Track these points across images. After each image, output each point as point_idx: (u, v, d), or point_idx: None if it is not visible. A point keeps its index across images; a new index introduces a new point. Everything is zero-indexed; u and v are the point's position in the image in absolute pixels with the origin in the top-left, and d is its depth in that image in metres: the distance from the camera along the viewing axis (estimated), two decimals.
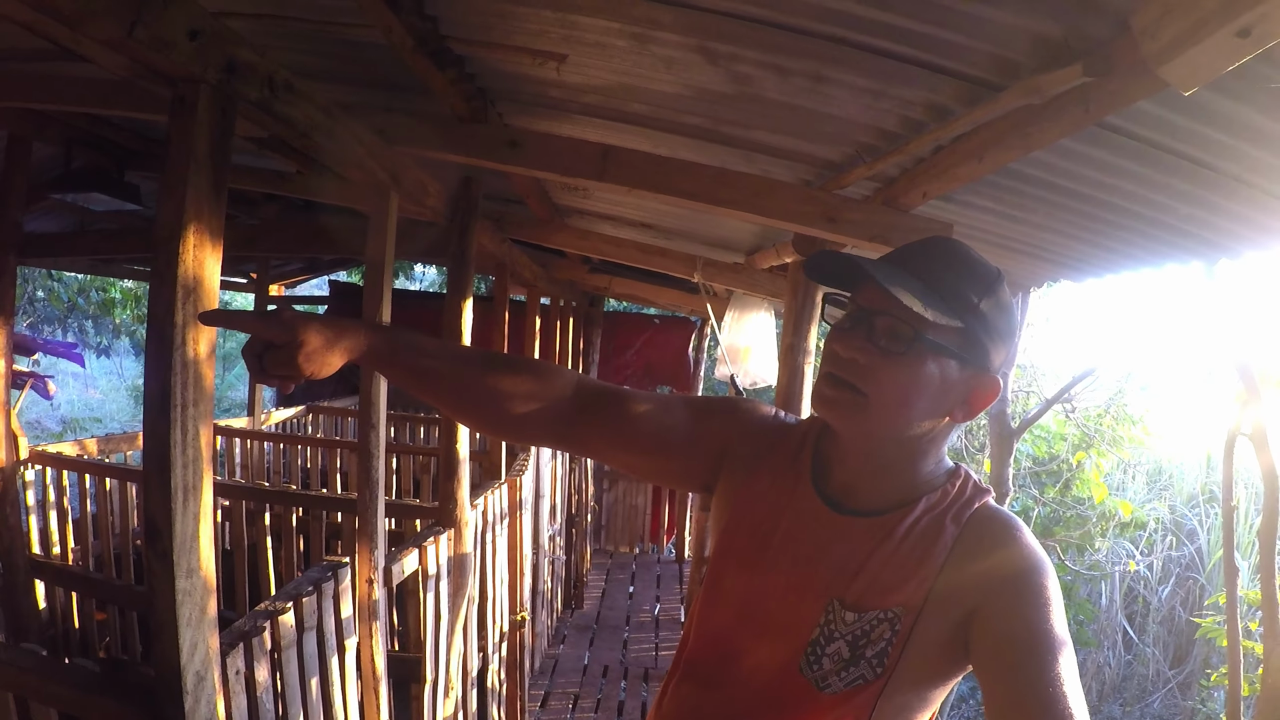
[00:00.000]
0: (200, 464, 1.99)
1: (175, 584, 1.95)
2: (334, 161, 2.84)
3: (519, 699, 5.96)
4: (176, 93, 1.91)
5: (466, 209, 4.06)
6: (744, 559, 1.63)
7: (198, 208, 1.91)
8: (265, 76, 2.16)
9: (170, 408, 1.88)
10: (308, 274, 12.29)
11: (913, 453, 1.53)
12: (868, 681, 1.45)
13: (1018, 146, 2.35)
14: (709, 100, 2.90)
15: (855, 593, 1.48)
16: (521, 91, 3.31)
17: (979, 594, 1.42)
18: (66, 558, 6.03)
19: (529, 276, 6.31)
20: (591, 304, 10.50)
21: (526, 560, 6.15)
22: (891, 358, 1.42)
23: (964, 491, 1.54)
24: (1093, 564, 14.77)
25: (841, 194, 3.30)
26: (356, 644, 3.40)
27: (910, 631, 1.44)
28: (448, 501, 4.30)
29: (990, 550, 1.46)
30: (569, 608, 9.23)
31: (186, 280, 1.89)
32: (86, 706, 2.40)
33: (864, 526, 1.53)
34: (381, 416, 3.37)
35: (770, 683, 1.54)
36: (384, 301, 3.29)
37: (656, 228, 5.60)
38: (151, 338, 1.90)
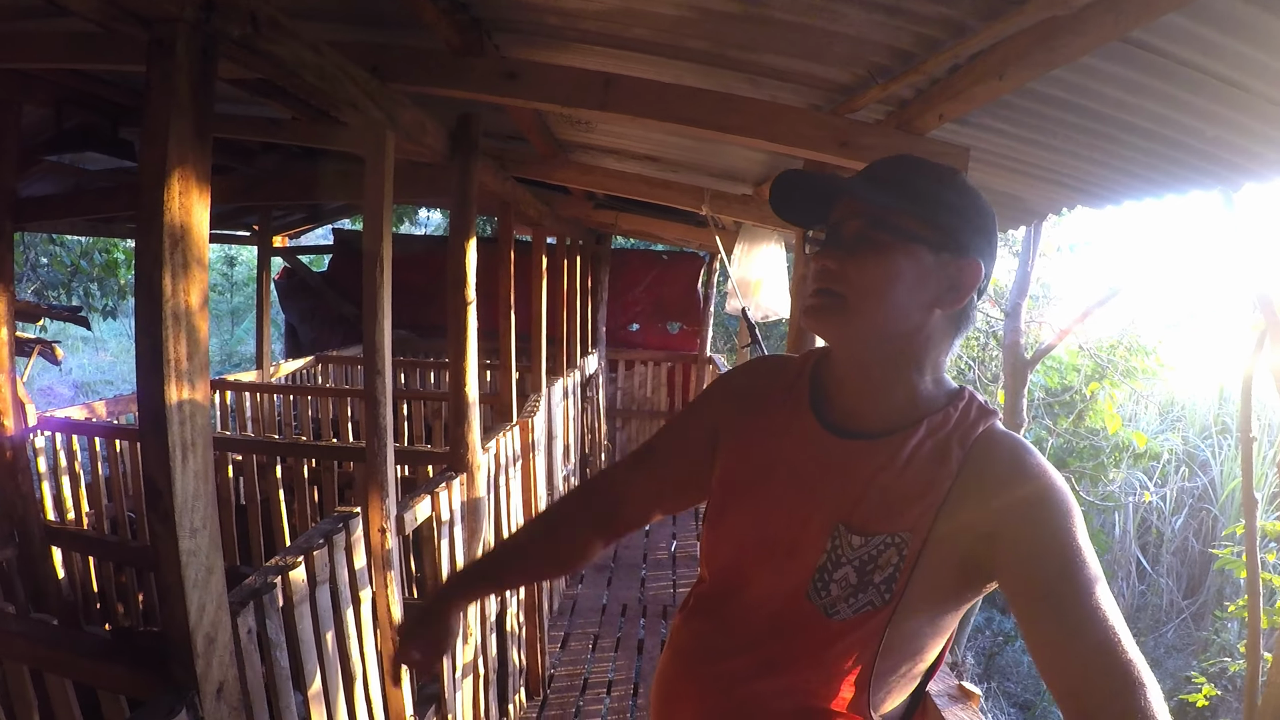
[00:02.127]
0: (198, 420, 1.91)
1: (179, 545, 1.88)
2: (326, 102, 2.75)
3: (538, 641, 5.96)
4: (153, 35, 1.81)
5: (467, 147, 3.94)
6: (747, 490, 1.67)
7: (181, 154, 1.82)
8: (248, 13, 2.06)
9: (163, 363, 1.80)
10: (311, 224, 12.21)
11: (909, 361, 1.55)
12: (876, 608, 1.47)
13: (1041, 62, 2.27)
14: (714, 22, 2.81)
15: (861, 516, 1.50)
16: (518, 20, 3.21)
17: (996, 518, 1.42)
18: (81, 522, 6.02)
19: (533, 215, 6.22)
20: (599, 242, 10.40)
21: (541, 502, 6.12)
22: (859, 254, 1.49)
23: (969, 414, 1.55)
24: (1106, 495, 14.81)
25: (853, 118, 3.21)
26: (372, 595, 3.35)
27: (918, 556, 1.46)
28: (459, 446, 4.25)
29: (1003, 474, 1.46)
30: None
31: (173, 229, 1.80)
32: (99, 674, 2.36)
33: (867, 450, 1.54)
34: (387, 363, 3.30)
35: (779, 611, 1.57)
36: (384, 244, 3.19)
37: (662, 160, 5.52)
38: (140, 291, 1.82)
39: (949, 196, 1.52)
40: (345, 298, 11.83)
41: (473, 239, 4.13)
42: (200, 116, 1.87)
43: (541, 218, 6.41)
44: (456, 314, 4.14)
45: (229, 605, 2.16)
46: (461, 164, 3.96)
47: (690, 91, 3.16)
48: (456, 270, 4.11)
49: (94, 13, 1.81)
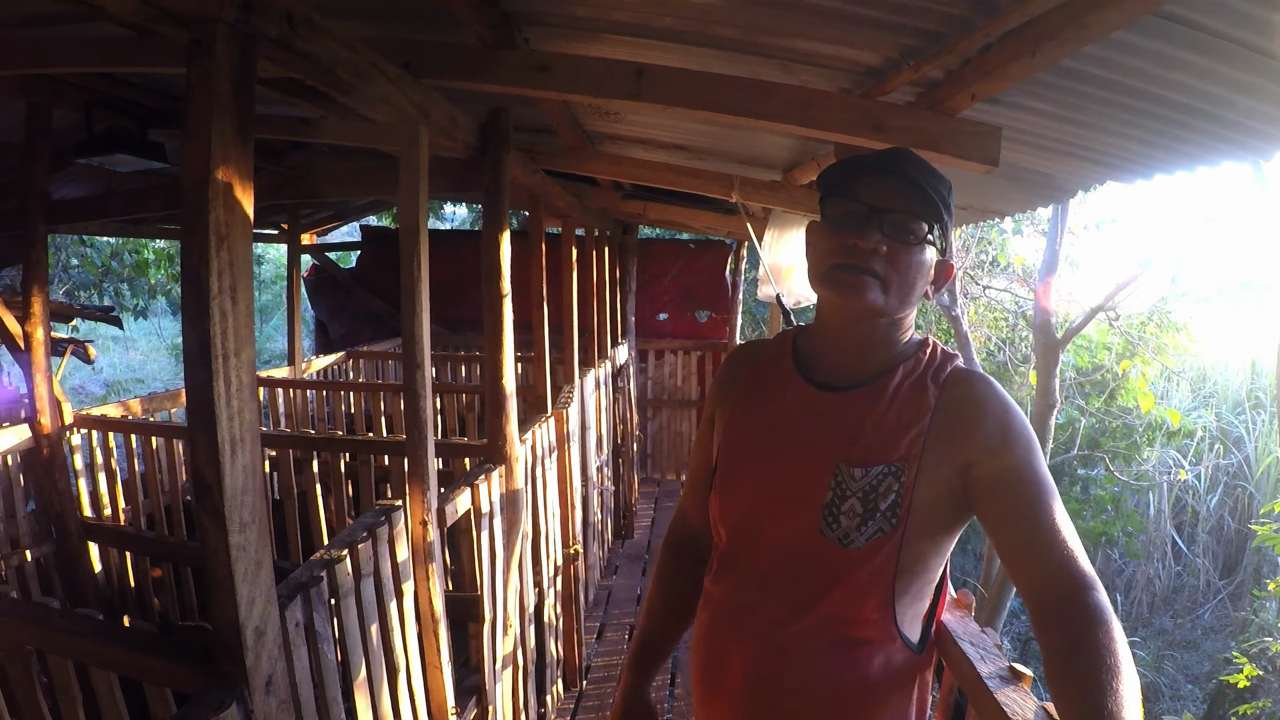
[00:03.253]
0: (246, 415, 1.94)
1: (229, 539, 1.91)
2: (360, 99, 2.76)
3: (575, 632, 5.98)
4: (193, 35, 1.83)
5: (498, 141, 3.96)
6: (752, 453, 1.89)
7: (224, 153, 1.84)
8: (284, 12, 2.08)
9: (211, 359, 1.82)
10: (338, 221, 12.26)
11: (896, 325, 1.82)
12: (886, 533, 1.69)
13: (1074, 39, 2.27)
14: (743, 8, 2.81)
15: (858, 452, 1.73)
16: (548, 13, 3.23)
17: (970, 447, 1.68)
18: (118, 518, 6.09)
19: (563, 207, 6.22)
20: (625, 232, 10.40)
21: (576, 493, 6.14)
22: (907, 247, 1.72)
23: (935, 357, 1.83)
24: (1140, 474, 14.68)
25: (885, 100, 3.20)
26: (413, 587, 3.38)
27: (915, 482, 1.69)
28: (496, 438, 4.26)
29: (973, 407, 1.72)
30: (620, 538, 9.25)
31: (218, 227, 1.82)
32: (146, 668, 2.40)
33: (855, 397, 1.80)
34: (426, 356, 3.31)
35: (800, 552, 1.77)
36: (420, 240, 3.21)
37: (690, 149, 5.51)
38: (187, 290, 1.84)
39: (952, 206, 1.81)
40: (374, 293, 11.91)
41: (506, 232, 4.15)
42: (241, 116, 1.89)
43: (570, 209, 6.42)
44: (492, 307, 4.16)
45: (277, 599, 2.18)
46: (493, 158, 3.98)
47: (722, 79, 3.15)
48: (491, 264, 4.13)
49: (133, 15, 1.83)
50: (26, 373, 5.68)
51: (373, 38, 2.85)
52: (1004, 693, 1.85)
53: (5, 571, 5.39)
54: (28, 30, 4.07)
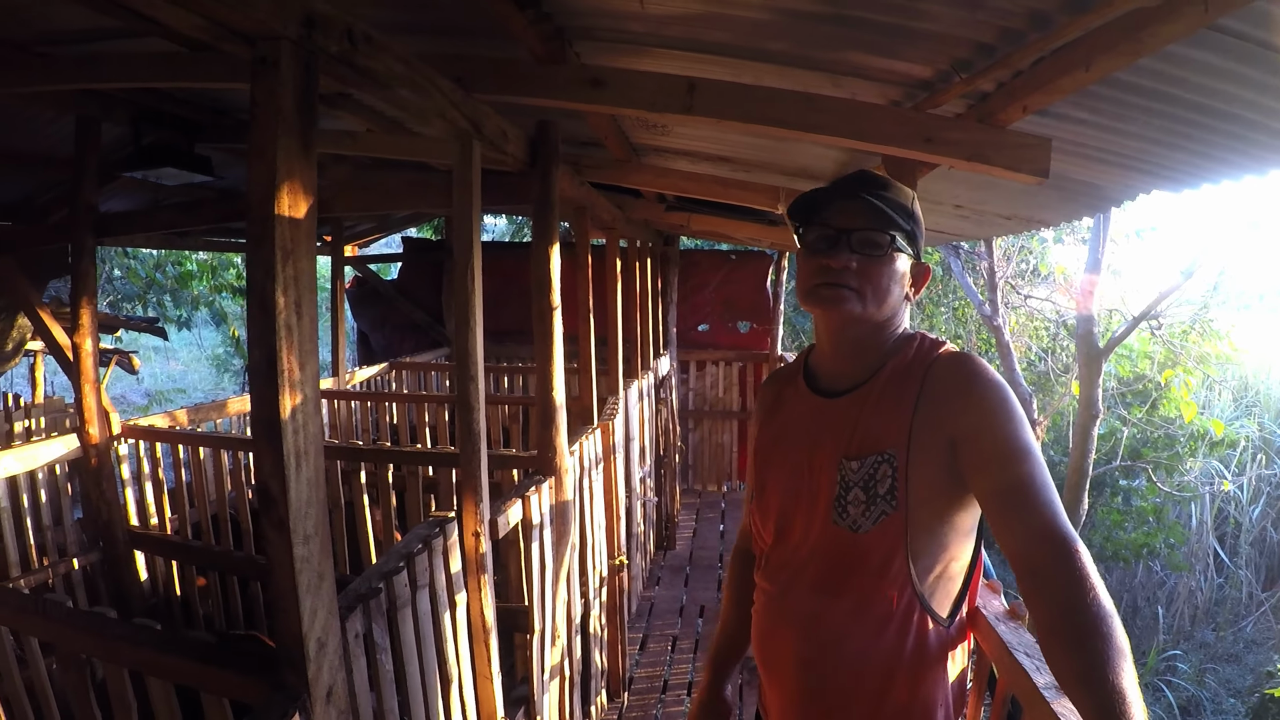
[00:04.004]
0: (310, 428, 1.96)
1: (293, 551, 1.94)
2: (416, 113, 2.79)
3: (619, 643, 5.97)
4: (257, 52, 1.86)
5: (547, 154, 3.98)
6: (774, 460, 2.13)
7: (289, 168, 1.87)
8: (344, 29, 2.10)
9: (277, 374, 1.85)
10: (380, 233, 12.38)
11: (881, 329, 1.98)
12: (889, 515, 1.84)
13: (1128, 52, 2.26)
14: (795, 23, 2.81)
15: (854, 446, 1.91)
16: (599, 28, 3.24)
17: (952, 422, 1.80)
18: (164, 527, 6.17)
19: (608, 219, 6.22)
20: (667, 243, 10.36)
21: (621, 504, 6.14)
22: (874, 260, 1.91)
23: (923, 347, 1.96)
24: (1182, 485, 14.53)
25: (935, 113, 3.19)
26: (465, 598, 3.40)
27: (906, 466, 1.83)
28: (547, 450, 4.28)
29: (954, 384, 1.83)
30: (662, 549, 9.21)
31: (284, 243, 1.85)
32: (205, 678, 2.42)
33: (850, 399, 1.97)
34: (479, 369, 3.34)
35: (820, 543, 1.95)
36: (474, 252, 3.24)
37: (735, 161, 5.50)
38: (253, 305, 1.86)
39: (916, 214, 2.00)
40: (416, 304, 11.97)
41: (555, 245, 4.15)
42: (304, 132, 1.92)
43: (615, 221, 6.42)
44: (542, 319, 4.16)
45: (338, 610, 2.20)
46: (542, 171, 4.00)
47: (774, 93, 3.15)
48: (541, 277, 4.13)
49: (199, 32, 1.86)
50: (75, 383, 5.75)
51: (426, 52, 2.86)
52: (1060, 703, 1.87)
53: (53, 579, 5.46)
54: (78, 46, 4.13)
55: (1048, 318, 16.21)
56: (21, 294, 6.10)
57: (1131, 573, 14.15)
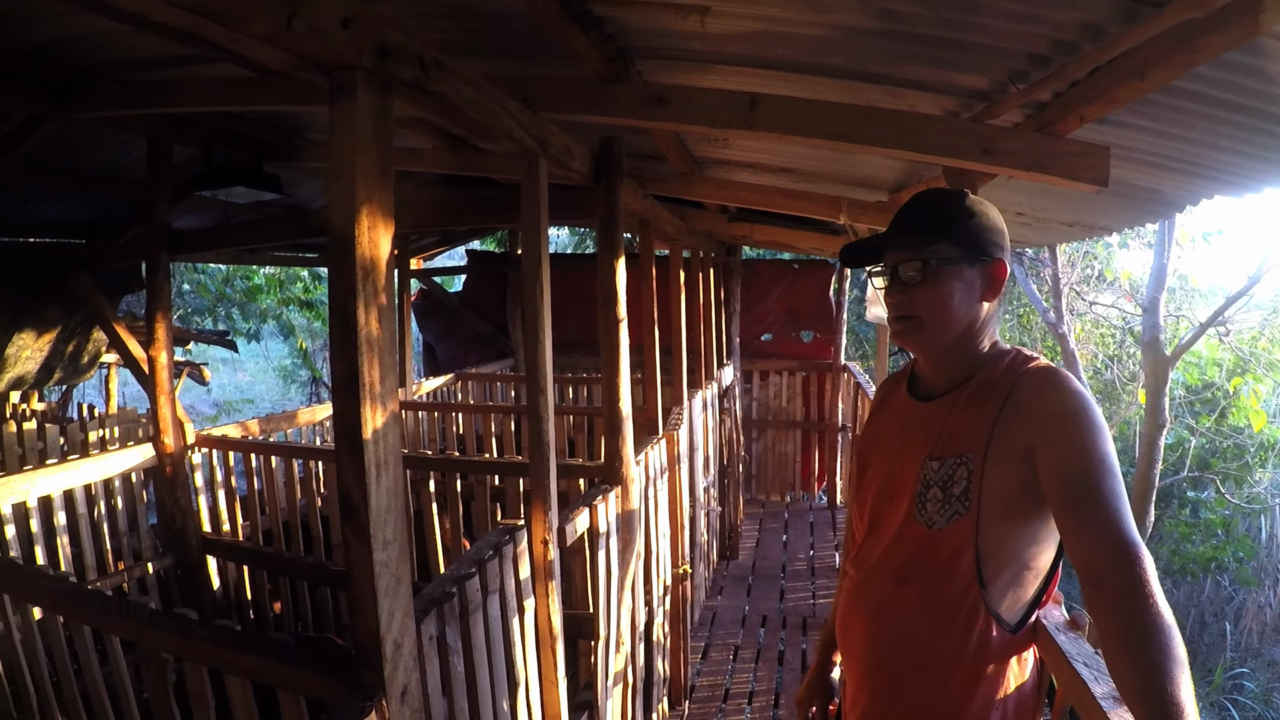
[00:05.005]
0: (390, 438, 2.05)
1: (372, 556, 2.02)
2: (484, 133, 2.88)
3: (682, 651, 6.01)
4: (334, 81, 1.95)
5: (611, 169, 4.06)
6: (873, 458, 2.27)
7: (368, 191, 1.95)
8: (416, 56, 2.18)
9: (359, 387, 1.94)
10: (444, 246, 12.53)
11: (969, 341, 2.05)
12: (962, 515, 1.93)
13: (1182, 62, 2.29)
14: (854, 39, 2.85)
15: (937, 448, 2.02)
16: (661, 47, 3.30)
17: (1032, 433, 1.84)
18: (236, 534, 6.36)
19: (671, 231, 6.26)
20: (729, 253, 10.37)
21: (685, 513, 6.18)
22: (918, 287, 2.01)
23: (1015, 361, 2.02)
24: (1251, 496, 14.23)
25: (993, 124, 3.22)
26: (533, 604, 3.48)
27: (982, 470, 1.90)
28: (613, 459, 4.35)
29: (1038, 396, 1.88)
30: (725, 558, 9.18)
31: (364, 262, 1.93)
32: (285, 677, 2.52)
33: (940, 403, 2.08)
34: (549, 381, 3.41)
35: (901, 536, 2.07)
36: (542, 267, 3.32)
37: (797, 172, 5.52)
38: (335, 321, 1.95)
39: (964, 218, 2.02)
40: (481, 316, 12.11)
41: (621, 258, 4.23)
42: (382, 155, 2.00)
43: (678, 233, 6.47)
44: (609, 332, 4.24)
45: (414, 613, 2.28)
46: (607, 185, 4.09)
47: (834, 107, 3.19)
48: (607, 289, 4.21)
49: (279, 64, 1.96)
50: (150, 395, 5.92)
51: (493, 73, 2.93)
52: (1118, 713, 1.88)
53: (128, 583, 5.63)
54: (152, 73, 4.27)
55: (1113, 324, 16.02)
56: (98, 308, 6.29)
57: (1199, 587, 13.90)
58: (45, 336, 6.77)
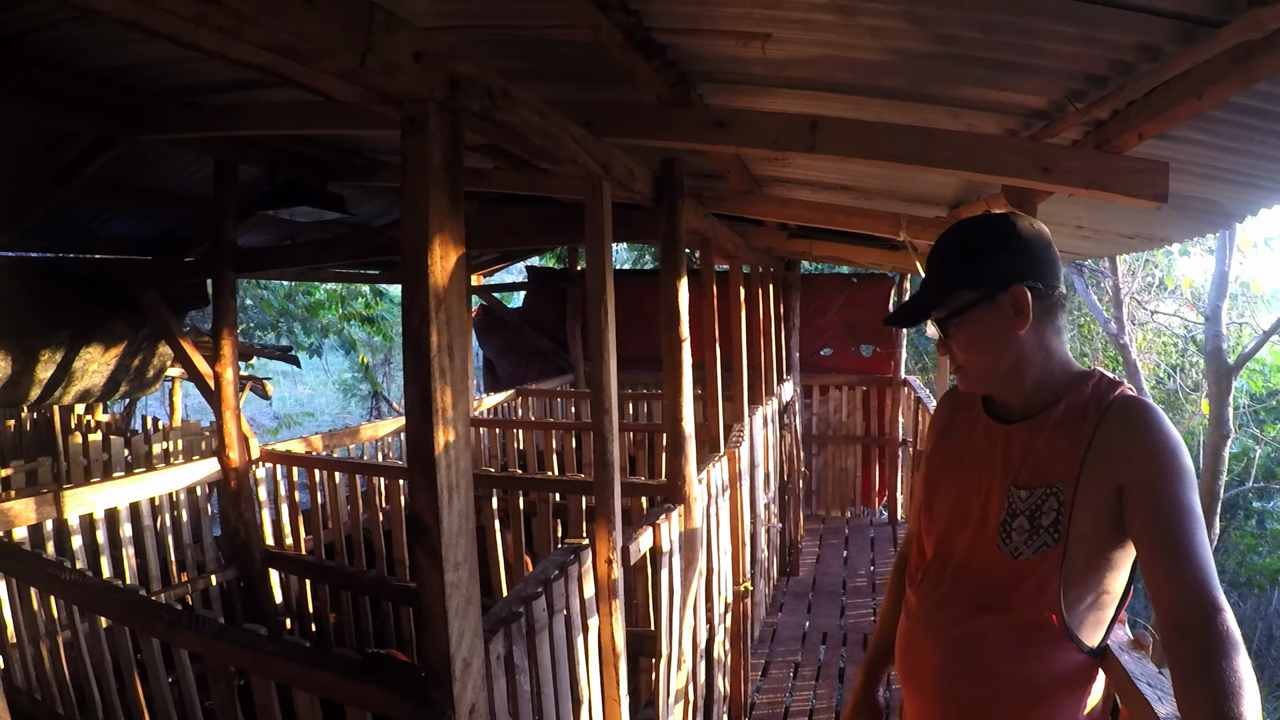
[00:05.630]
0: (462, 463, 2.10)
1: (444, 577, 2.07)
2: (549, 159, 2.92)
3: (742, 669, 5.99)
4: (406, 114, 2.00)
5: (673, 189, 4.11)
6: (947, 478, 2.20)
7: (440, 220, 2.00)
8: (484, 87, 2.23)
9: (432, 412, 1.99)
10: (504, 262, 12.63)
11: (1027, 367, 2.01)
12: (1049, 547, 1.90)
13: (1240, 80, 2.29)
14: (913, 62, 2.87)
15: (1024, 476, 1.98)
16: (721, 72, 3.32)
17: (1123, 469, 1.82)
18: (299, 547, 6.45)
19: (730, 248, 6.27)
20: (788, 268, 10.39)
21: (746, 530, 6.18)
22: (954, 338, 2.04)
23: (1100, 387, 1.97)
24: None
25: (1052, 142, 3.22)
26: (597, 622, 3.51)
27: (1073, 501, 1.88)
28: (676, 478, 4.37)
29: (1130, 432, 1.85)
30: (785, 575, 9.15)
31: (437, 290, 1.98)
32: (353, 694, 2.57)
33: (1022, 428, 2.02)
34: (614, 401, 3.46)
35: (983, 563, 2.03)
36: (606, 288, 3.36)
37: (856, 189, 5.52)
38: (408, 347, 2.01)
39: (974, 258, 2.01)
40: (540, 332, 12.19)
41: (684, 277, 4.26)
42: (453, 185, 2.06)
43: (738, 250, 6.47)
44: (671, 350, 4.27)
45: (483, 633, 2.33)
46: (669, 206, 4.13)
47: (894, 129, 3.22)
48: (670, 309, 4.24)
49: (353, 98, 2.03)
50: (216, 410, 6.03)
51: (556, 99, 2.98)
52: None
53: (191, 594, 5.73)
54: (219, 96, 4.37)
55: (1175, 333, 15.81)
56: (164, 324, 6.42)
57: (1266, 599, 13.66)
58: (112, 351, 6.90)
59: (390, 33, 1.80)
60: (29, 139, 5.09)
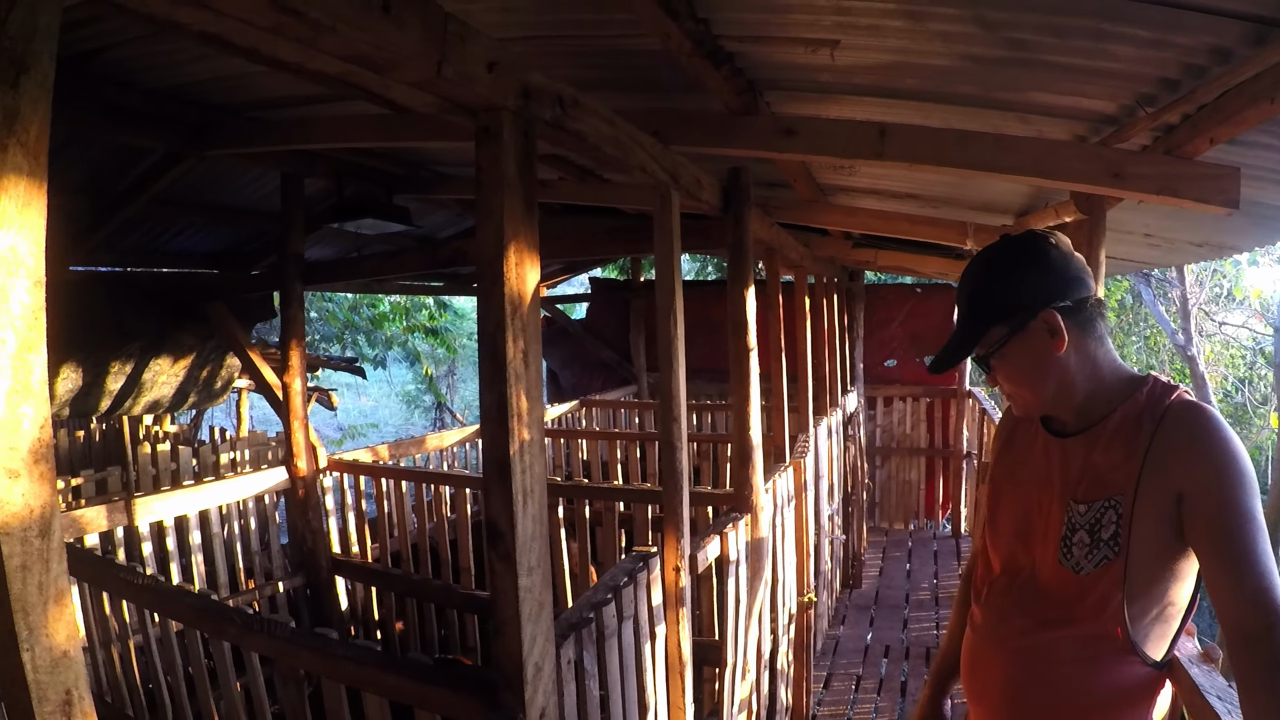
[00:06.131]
0: (536, 468, 2.12)
1: (518, 581, 2.09)
2: (617, 167, 2.95)
3: (805, 680, 5.96)
4: (479, 123, 2.02)
5: (739, 199, 4.09)
6: (1009, 494, 2.19)
7: (515, 228, 2.02)
8: (556, 96, 2.26)
9: (507, 418, 2.01)
10: (568, 273, 12.70)
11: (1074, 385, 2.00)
12: (1110, 560, 1.88)
13: None
14: (983, 67, 2.86)
15: (1082, 490, 1.95)
16: (789, 79, 3.33)
17: (1182, 476, 1.80)
18: (365, 555, 6.51)
19: (795, 258, 6.23)
20: (852, 278, 10.33)
21: (810, 541, 6.14)
22: (998, 373, 2.06)
23: (1154, 393, 1.94)
24: None
25: (1121, 148, 3.19)
26: (664, 630, 3.51)
27: (1131, 513, 1.85)
28: (743, 487, 4.36)
29: (1188, 441, 1.82)
30: (848, 587, 9.09)
31: (512, 298, 2.01)
32: (424, 697, 2.60)
33: (1079, 441, 2.00)
34: (682, 410, 3.46)
35: (1046, 577, 2.01)
36: (675, 296, 3.37)
37: (922, 197, 5.50)
38: (484, 354, 2.03)
39: (998, 290, 2.01)
40: (604, 343, 12.25)
41: (751, 287, 4.25)
42: (527, 193, 2.08)
43: (802, 259, 6.44)
44: (739, 360, 4.27)
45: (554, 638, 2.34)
46: (735, 215, 4.12)
47: (964, 135, 3.20)
48: (737, 318, 4.23)
49: (427, 107, 2.05)
50: (284, 420, 6.12)
51: (624, 108, 2.99)
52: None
53: (259, 601, 5.82)
54: (286, 110, 4.45)
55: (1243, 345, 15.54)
56: (232, 336, 6.53)
57: None
58: (181, 362, 7.02)
59: (465, 43, 1.82)
60: (100, 156, 5.23)
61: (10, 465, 1.21)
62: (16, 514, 1.22)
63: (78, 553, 4.25)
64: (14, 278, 1.19)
